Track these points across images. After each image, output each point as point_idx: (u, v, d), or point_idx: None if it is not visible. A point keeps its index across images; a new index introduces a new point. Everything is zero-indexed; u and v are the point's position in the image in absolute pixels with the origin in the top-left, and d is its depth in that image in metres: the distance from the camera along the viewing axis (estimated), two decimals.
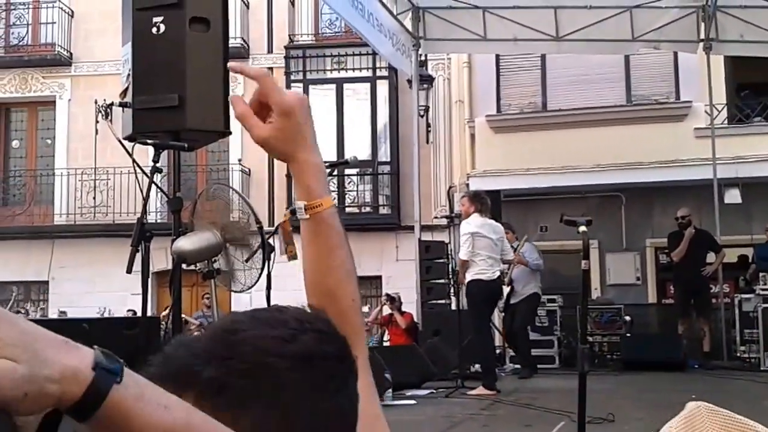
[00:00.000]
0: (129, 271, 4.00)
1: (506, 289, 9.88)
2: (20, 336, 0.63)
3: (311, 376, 0.88)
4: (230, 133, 4.78)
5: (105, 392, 0.65)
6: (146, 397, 0.68)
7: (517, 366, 10.36)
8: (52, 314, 15.31)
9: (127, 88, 4.53)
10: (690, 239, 10.55)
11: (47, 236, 16.32)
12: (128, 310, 13.51)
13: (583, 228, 3.89)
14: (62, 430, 0.68)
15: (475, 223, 8.12)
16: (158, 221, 13.19)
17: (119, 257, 12.72)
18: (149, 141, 4.16)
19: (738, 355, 10.38)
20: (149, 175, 4.09)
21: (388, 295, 13.05)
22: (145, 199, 4.12)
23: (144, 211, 4.06)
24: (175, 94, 4.32)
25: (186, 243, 4.35)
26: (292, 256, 5.05)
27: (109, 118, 15.34)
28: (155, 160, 4.09)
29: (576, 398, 4.65)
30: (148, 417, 0.67)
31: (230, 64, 1.23)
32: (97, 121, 15.27)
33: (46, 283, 16.48)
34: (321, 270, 1.19)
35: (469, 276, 8.15)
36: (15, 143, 17.48)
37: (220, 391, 0.85)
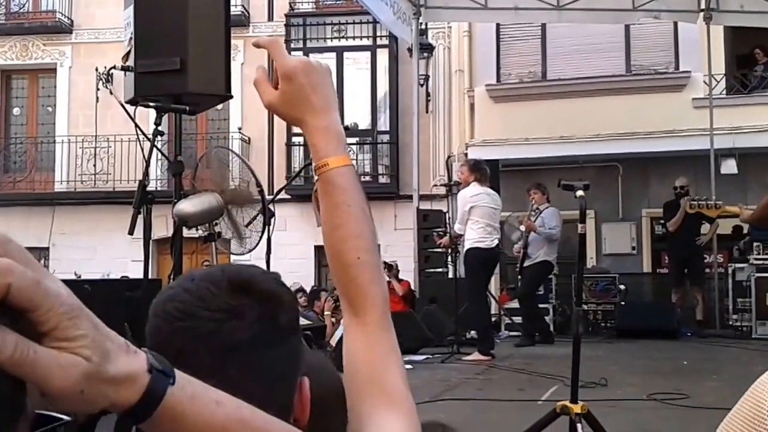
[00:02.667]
0: (131, 232, 4.04)
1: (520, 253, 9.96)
2: (98, 335, 0.63)
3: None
4: (231, 96, 4.83)
5: (161, 395, 0.66)
6: (198, 395, 0.70)
7: (512, 333, 10.49)
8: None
9: (129, 52, 4.56)
10: (685, 209, 10.65)
11: (48, 203, 16.40)
12: (122, 276, 13.56)
13: (580, 192, 3.95)
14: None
15: (473, 192, 8.21)
16: (158, 188, 13.25)
17: (119, 224, 12.79)
18: (151, 104, 4.20)
19: (730, 323, 10.50)
20: (151, 138, 4.14)
21: (385, 262, 13.13)
22: (147, 162, 4.16)
23: (146, 174, 4.11)
24: (177, 57, 4.35)
25: (187, 205, 4.40)
26: None
27: (110, 84, 15.31)
28: (157, 123, 4.13)
29: (569, 364, 4.75)
30: (201, 414, 0.69)
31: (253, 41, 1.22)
32: (97, 89, 15.24)
33: (47, 249, 16.57)
34: (328, 225, 1.21)
35: (468, 244, 8.25)
36: (16, 110, 17.47)
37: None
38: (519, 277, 10.45)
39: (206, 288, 0.96)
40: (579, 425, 3.57)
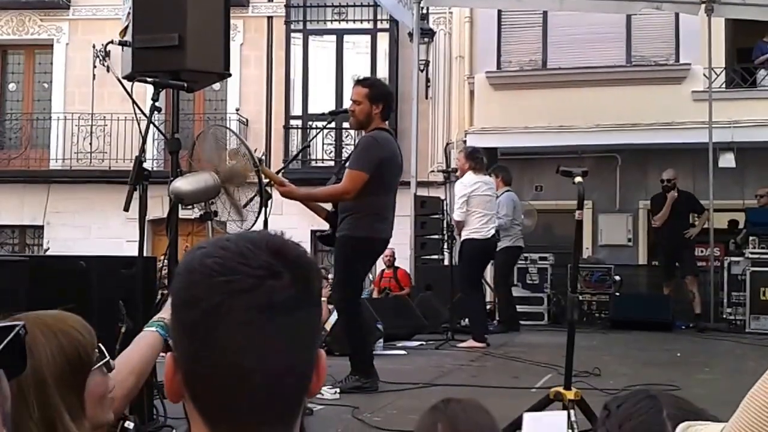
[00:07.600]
0: (126, 208, 4.00)
1: None
2: None
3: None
4: (230, 74, 4.78)
5: None
6: None
7: None
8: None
9: (126, 27, 4.51)
10: (672, 203, 10.55)
11: (43, 181, 16.31)
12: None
13: (578, 179, 3.94)
14: None
15: (468, 182, 8.19)
16: (154, 169, 13.17)
17: (115, 204, 12.76)
18: (149, 79, 4.15)
19: (725, 317, 10.50)
20: (148, 113, 4.08)
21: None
22: (144, 138, 4.11)
23: (142, 150, 4.05)
24: (175, 33, 4.30)
25: (183, 183, 4.34)
26: None
27: (108, 59, 15.22)
28: (154, 99, 4.08)
29: (563, 353, 4.74)
30: None
31: None
32: (94, 66, 15.15)
33: (41, 227, 16.51)
34: None
35: (464, 234, 8.24)
36: (11, 86, 17.37)
37: None
38: None
39: (246, 246, 0.97)
40: (572, 411, 3.57)
